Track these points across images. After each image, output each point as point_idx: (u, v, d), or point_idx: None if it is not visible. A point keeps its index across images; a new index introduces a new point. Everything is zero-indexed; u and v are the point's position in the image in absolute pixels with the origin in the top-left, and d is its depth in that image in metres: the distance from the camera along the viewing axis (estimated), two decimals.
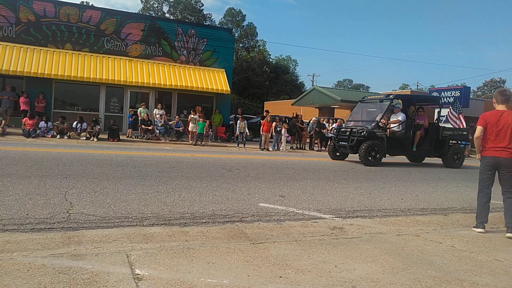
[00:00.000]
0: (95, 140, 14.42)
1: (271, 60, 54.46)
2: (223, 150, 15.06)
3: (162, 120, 16.98)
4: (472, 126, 29.86)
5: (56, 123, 14.82)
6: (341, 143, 12.49)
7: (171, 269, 2.82)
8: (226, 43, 20.51)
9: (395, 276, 2.98)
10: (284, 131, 16.54)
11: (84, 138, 14.60)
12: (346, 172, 9.80)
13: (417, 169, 11.93)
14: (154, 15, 47.41)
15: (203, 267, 2.88)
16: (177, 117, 18.35)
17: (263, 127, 16.16)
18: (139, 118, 16.74)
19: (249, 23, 55.40)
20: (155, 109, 17.55)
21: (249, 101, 46.06)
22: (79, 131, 14.92)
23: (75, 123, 15.06)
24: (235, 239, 3.73)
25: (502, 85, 64.69)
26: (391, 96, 12.85)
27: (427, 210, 5.89)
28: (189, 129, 16.39)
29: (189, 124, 16.50)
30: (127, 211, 4.44)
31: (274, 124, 16.29)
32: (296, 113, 21.22)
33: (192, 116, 16.53)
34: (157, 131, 16.74)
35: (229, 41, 20.99)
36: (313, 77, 79.76)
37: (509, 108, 4.57)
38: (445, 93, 27.22)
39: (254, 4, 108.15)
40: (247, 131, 16.49)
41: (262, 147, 16.09)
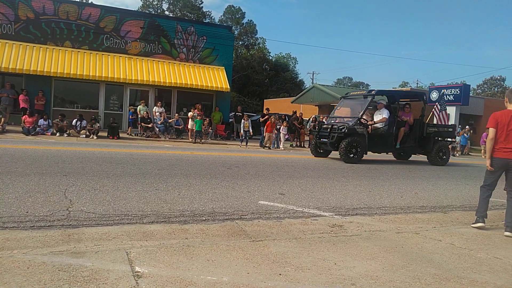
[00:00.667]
0: (95, 137, 14.41)
1: (270, 58, 54.37)
2: (222, 148, 15.06)
3: (161, 118, 16.99)
4: (471, 124, 29.88)
5: (55, 121, 14.79)
6: (322, 140, 12.19)
7: (171, 266, 2.82)
8: (225, 41, 20.46)
9: (395, 273, 2.99)
10: (282, 129, 16.56)
11: (83, 136, 14.59)
12: (345, 170, 9.81)
13: (416, 167, 11.94)
14: (153, 12, 47.29)
15: (203, 265, 2.89)
16: (176, 115, 18.34)
17: (267, 128, 16.23)
18: (139, 116, 16.75)
19: (248, 20, 55.41)
20: (155, 107, 17.57)
21: (248, 99, 46.04)
22: (78, 128, 14.91)
23: (74, 120, 15.03)
24: (235, 237, 3.73)
25: (502, 83, 64.70)
26: (373, 92, 12.49)
27: (427, 208, 5.89)
28: (189, 127, 16.39)
29: (188, 121, 16.51)
30: (127, 209, 4.44)
31: (273, 120, 16.35)
32: (295, 111, 21.21)
33: (192, 113, 16.51)
34: (157, 129, 16.74)
35: (229, 38, 20.94)
36: (313, 75, 79.04)
37: None
38: (445, 90, 27.21)
39: (253, 1, 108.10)
40: (251, 130, 16.55)
41: (264, 146, 16.16)
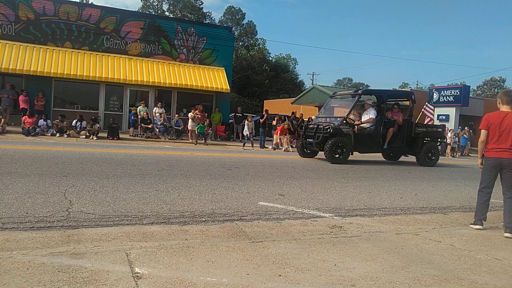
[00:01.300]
0: (95, 138, 14.41)
1: (270, 58, 54.38)
2: (222, 148, 15.06)
3: (161, 118, 16.99)
4: (471, 125, 29.88)
5: (55, 122, 14.79)
6: (308, 140, 12.08)
7: (171, 267, 2.81)
8: (225, 42, 20.48)
9: (395, 274, 2.98)
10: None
11: (83, 136, 14.59)
12: (345, 171, 9.81)
13: (416, 168, 11.93)
14: (153, 13, 47.31)
15: (202, 266, 2.88)
16: (176, 116, 18.34)
17: (279, 131, 16.21)
18: (139, 116, 16.75)
19: (248, 21, 55.41)
20: (155, 108, 17.56)
21: (248, 100, 46.03)
22: (78, 129, 14.91)
23: (74, 121, 15.04)
24: (235, 238, 3.73)
25: (502, 84, 64.70)
26: (359, 91, 12.35)
27: (427, 209, 5.89)
28: (189, 127, 16.39)
29: (188, 122, 16.50)
30: (127, 210, 4.44)
31: (286, 127, 16.37)
32: (294, 112, 21.20)
33: (192, 114, 16.47)
34: (157, 130, 16.74)
35: (229, 39, 20.95)
36: (313, 76, 79.35)
37: None
38: (445, 91, 27.24)
39: (253, 2, 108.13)
40: (254, 131, 16.61)
41: (274, 148, 16.16)
